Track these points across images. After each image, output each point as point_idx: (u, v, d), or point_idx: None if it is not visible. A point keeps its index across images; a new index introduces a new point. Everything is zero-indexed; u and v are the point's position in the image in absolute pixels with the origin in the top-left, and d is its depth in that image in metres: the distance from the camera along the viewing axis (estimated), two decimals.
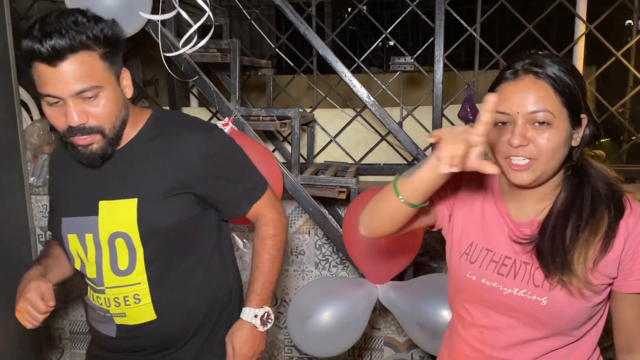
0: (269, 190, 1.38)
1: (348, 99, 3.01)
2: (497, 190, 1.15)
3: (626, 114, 4.87)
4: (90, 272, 1.25)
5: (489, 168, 0.91)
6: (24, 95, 2.65)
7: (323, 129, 2.85)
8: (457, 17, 2.57)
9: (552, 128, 0.99)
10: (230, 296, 1.38)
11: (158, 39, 1.96)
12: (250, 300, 1.33)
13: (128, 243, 1.21)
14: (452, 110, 2.70)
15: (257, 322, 1.32)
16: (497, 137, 1.03)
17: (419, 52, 2.76)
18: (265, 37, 2.23)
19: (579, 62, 2.69)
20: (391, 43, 7.95)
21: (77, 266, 1.28)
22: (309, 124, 2.63)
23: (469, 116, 2.45)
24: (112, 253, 1.22)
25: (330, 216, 2.13)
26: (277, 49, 2.67)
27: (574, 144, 1.03)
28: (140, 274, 1.23)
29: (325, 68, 2.92)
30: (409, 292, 1.78)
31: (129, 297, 1.24)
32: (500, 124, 1.03)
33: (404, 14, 2.71)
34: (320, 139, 2.96)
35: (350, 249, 1.83)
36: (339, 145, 2.81)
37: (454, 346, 1.22)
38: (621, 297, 1.08)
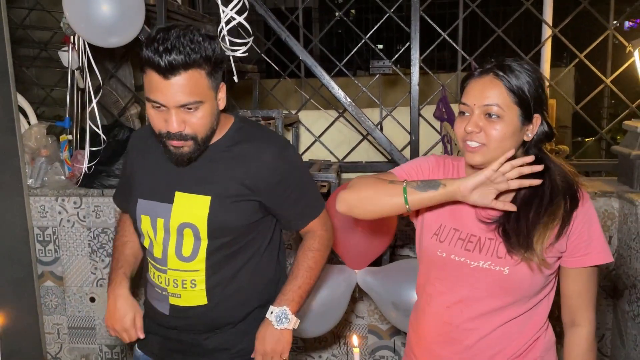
0: (324, 210, 1.46)
1: (331, 101, 3.16)
2: (463, 175, 1.30)
3: (605, 113, 5.04)
4: (157, 252, 1.37)
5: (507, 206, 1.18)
6: (22, 101, 2.76)
7: (307, 129, 2.99)
8: (431, 23, 2.72)
9: (502, 121, 1.15)
10: (275, 291, 1.44)
11: None
12: (275, 300, 1.38)
13: (195, 234, 1.33)
14: (429, 110, 2.85)
15: (273, 318, 1.35)
16: (459, 124, 1.21)
17: (397, 55, 2.91)
18: (252, 44, 2.37)
19: (545, 63, 2.86)
20: (380, 46, 8.14)
21: (146, 244, 1.41)
22: (293, 124, 2.77)
23: (443, 115, 2.60)
24: (179, 240, 1.34)
25: None
26: (263, 54, 2.82)
27: (526, 138, 1.19)
28: (200, 262, 1.35)
29: (312, 73, 3.07)
30: (384, 276, 1.93)
31: (186, 281, 1.36)
32: (463, 113, 1.21)
33: (381, 21, 2.86)
34: (306, 139, 3.10)
35: None
36: (323, 145, 2.95)
37: (421, 324, 1.35)
38: (566, 272, 1.24)
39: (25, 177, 2.65)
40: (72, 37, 2.53)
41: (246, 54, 2.10)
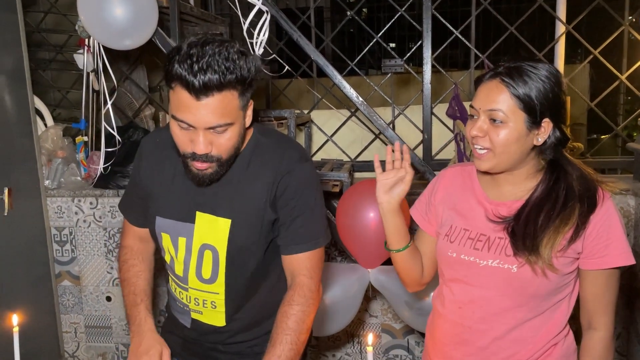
0: (320, 251, 1.32)
1: (343, 101, 3.16)
2: (475, 182, 1.32)
3: (620, 110, 4.98)
4: (178, 270, 1.34)
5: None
6: (38, 103, 2.80)
7: (320, 129, 3.00)
8: (444, 21, 2.71)
9: (506, 126, 1.15)
10: None
11: (163, 48, 2.11)
12: None
13: (214, 257, 1.29)
14: (441, 109, 2.83)
15: None
16: (468, 127, 1.22)
17: (409, 54, 2.90)
18: (265, 45, 2.38)
19: (559, 60, 2.83)
20: (392, 45, 8.12)
21: (167, 260, 1.37)
22: (305, 124, 2.78)
23: (456, 114, 2.58)
24: (199, 261, 1.30)
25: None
26: (275, 55, 2.83)
27: (536, 142, 1.18)
28: (220, 286, 1.32)
29: (324, 73, 3.07)
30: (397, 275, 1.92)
31: (207, 302, 1.34)
32: (472, 116, 1.21)
33: (393, 20, 2.86)
34: (318, 138, 3.11)
35: (343, 237, 1.98)
36: (335, 144, 2.96)
37: (436, 326, 1.36)
38: (584, 273, 1.22)
39: (42, 179, 2.69)
40: (87, 40, 2.56)
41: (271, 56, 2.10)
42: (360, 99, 2.05)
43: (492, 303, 1.24)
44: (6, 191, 2.37)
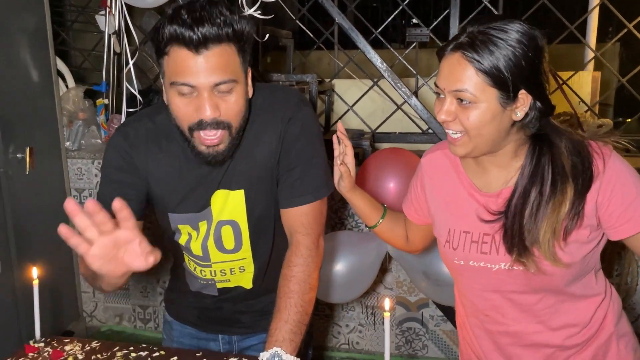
0: (319, 204, 1.23)
1: (366, 70, 3.11)
2: (459, 168, 1.17)
3: None
4: (196, 250, 1.30)
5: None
6: (60, 64, 2.81)
7: (340, 97, 2.96)
8: None
9: (476, 107, 0.98)
10: None
11: None
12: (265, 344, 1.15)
13: (235, 230, 1.26)
14: None
15: None
16: (437, 108, 1.05)
17: (435, 22, 2.82)
18: (287, 9, 2.33)
19: (592, 33, 2.73)
20: (414, 20, 7.95)
21: (182, 242, 1.31)
22: (326, 92, 2.74)
23: None
24: (217, 236, 1.27)
25: None
26: (298, 21, 2.78)
27: (515, 117, 1.01)
28: (246, 251, 1.30)
29: (346, 44, 3.02)
30: None
31: (234, 269, 1.32)
32: (438, 95, 1.04)
33: None
34: (338, 108, 3.07)
35: None
36: (356, 114, 2.92)
37: (466, 336, 1.27)
38: (625, 242, 1.07)
39: (63, 140, 2.71)
40: (109, 1, 2.54)
41: (272, 16, 2.05)
42: (385, 65, 2.00)
43: (518, 303, 1.13)
44: (28, 150, 2.39)
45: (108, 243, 0.91)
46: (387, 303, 1.04)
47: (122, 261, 0.94)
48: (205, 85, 1.05)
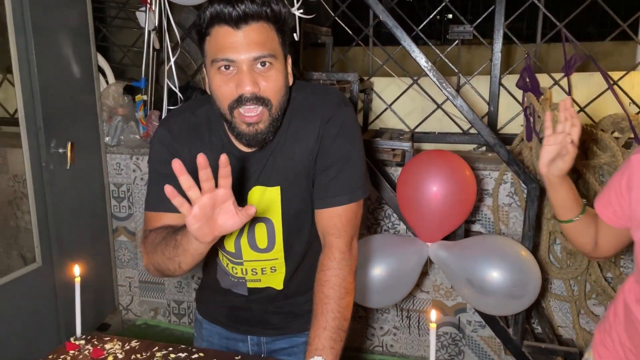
0: (354, 207, 1.20)
1: (405, 68, 3.05)
2: None
3: None
4: (229, 247, 1.29)
5: None
6: (101, 60, 2.84)
7: (379, 96, 2.91)
8: None
9: None
10: None
11: None
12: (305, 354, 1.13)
13: (269, 227, 1.25)
14: (510, 80, 2.68)
15: None
16: None
17: (479, 20, 2.74)
18: (325, 4, 2.30)
19: None
20: (450, 16, 7.80)
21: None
22: (364, 90, 2.69)
23: (527, 85, 2.43)
24: (251, 234, 1.26)
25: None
26: (336, 18, 2.74)
27: None
28: (278, 251, 1.28)
29: (382, 41, 2.96)
30: (460, 251, 1.84)
31: (266, 269, 1.31)
32: None
33: None
34: (375, 106, 3.02)
35: (403, 208, 1.91)
36: (395, 113, 2.86)
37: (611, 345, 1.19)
38: None
39: (102, 135, 2.74)
40: None
41: (314, 15, 2.02)
42: (430, 63, 1.94)
43: None
44: (69, 145, 2.42)
45: (207, 202, 0.93)
46: (433, 314, 1.00)
47: (216, 222, 0.96)
48: (245, 60, 1.07)
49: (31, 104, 2.28)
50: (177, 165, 0.92)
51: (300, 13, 1.81)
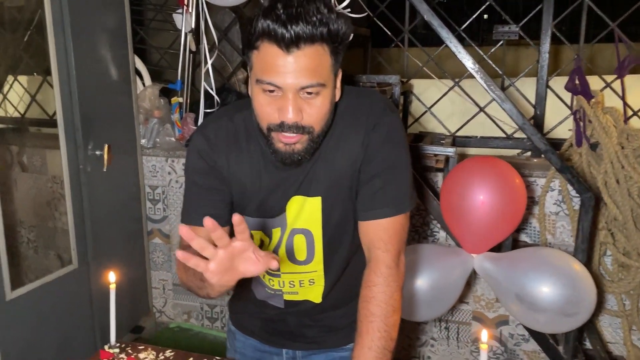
0: (401, 219, 1.13)
1: (446, 70, 2.95)
2: None
3: None
4: None
5: None
6: (138, 62, 2.84)
7: (418, 99, 2.82)
8: None
9: None
10: None
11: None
12: None
13: (308, 240, 1.20)
14: (557, 83, 2.56)
15: None
16: None
17: (526, 19, 2.62)
18: (364, 5, 2.23)
19: None
20: (485, 17, 7.60)
21: None
22: (405, 93, 2.61)
23: (577, 88, 2.31)
24: (289, 245, 1.22)
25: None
26: (375, 18, 2.67)
27: None
28: (318, 263, 1.23)
29: (421, 41, 2.88)
30: (508, 264, 1.74)
31: (304, 281, 1.26)
32: None
33: None
34: (414, 109, 2.93)
35: (447, 217, 1.82)
36: (434, 116, 2.77)
37: None
38: None
39: (139, 137, 2.74)
40: (186, 0, 2.53)
41: (365, 14, 1.96)
42: (477, 65, 1.85)
43: None
44: (106, 147, 2.42)
45: (224, 256, 0.89)
46: (484, 334, 0.93)
47: (237, 270, 0.93)
48: (291, 87, 1.00)
49: (69, 106, 2.29)
50: (184, 232, 0.88)
51: (348, 12, 1.75)
